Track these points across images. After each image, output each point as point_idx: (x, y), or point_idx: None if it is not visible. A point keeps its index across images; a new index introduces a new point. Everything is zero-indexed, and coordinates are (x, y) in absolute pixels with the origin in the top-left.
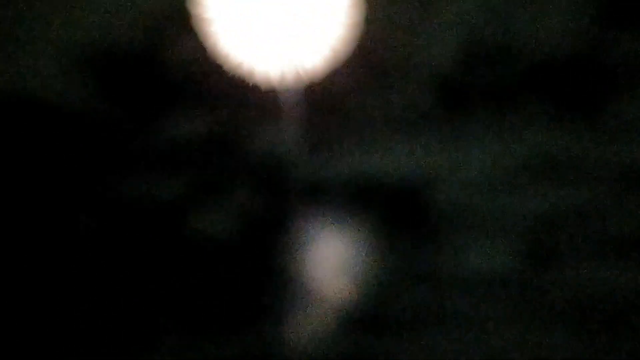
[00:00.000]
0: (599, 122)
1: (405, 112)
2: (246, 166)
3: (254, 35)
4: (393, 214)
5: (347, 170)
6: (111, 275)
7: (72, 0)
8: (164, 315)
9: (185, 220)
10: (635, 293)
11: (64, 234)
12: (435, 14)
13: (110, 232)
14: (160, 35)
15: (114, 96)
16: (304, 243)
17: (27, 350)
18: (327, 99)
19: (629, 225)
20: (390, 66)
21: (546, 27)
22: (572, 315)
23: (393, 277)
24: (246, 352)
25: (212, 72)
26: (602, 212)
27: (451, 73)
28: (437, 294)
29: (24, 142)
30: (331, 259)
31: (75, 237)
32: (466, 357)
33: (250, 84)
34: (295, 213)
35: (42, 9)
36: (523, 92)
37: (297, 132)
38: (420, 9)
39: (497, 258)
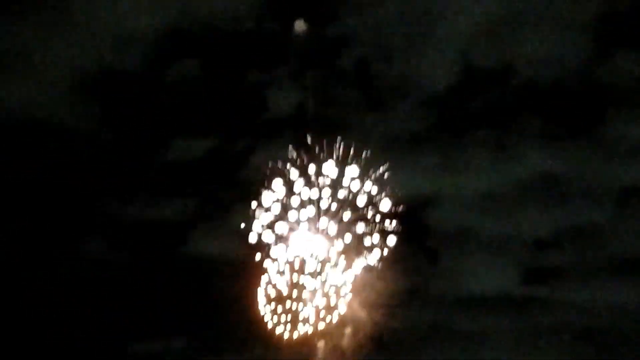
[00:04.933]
0: (598, 141)
1: (404, 134)
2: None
3: None
4: (395, 235)
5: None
6: (112, 291)
7: (74, 27)
8: (165, 333)
9: (185, 241)
10: (636, 311)
11: (67, 253)
12: (431, 37)
13: (113, 250)
14: (160, 60)
15: (116, 120)
16: (308, 261)
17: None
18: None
19: (630, 244)
20: (388, 88)
21: (543, 48)
22: (571, 333)
23: (397, 297)
24: None
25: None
26: (602, 231)
27: (449, 94)
28: (438, 313)
29: (29, 163)
30: (335, 279)
31: (78, 256)
32: None
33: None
34: (297, 232)
35: (45, 36)
36: (521, 113)
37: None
38: (418, 32)
39: (498, 278)
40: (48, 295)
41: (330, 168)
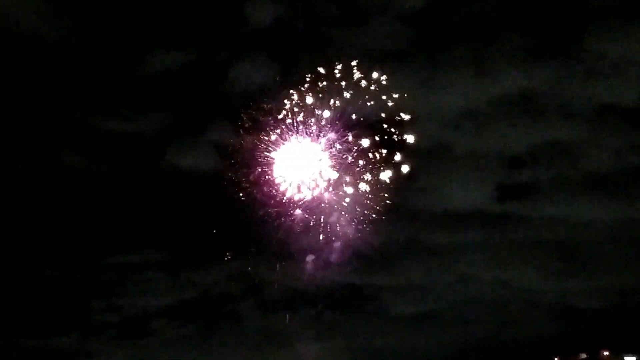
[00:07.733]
0: (576, 58)
1: (383, 50)
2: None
3: None
4: (373, 152)
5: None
6: (90, 203)
7: None
8: (142, 245)
9: (163, 155)
10: (608, 228)
11: (46, 163)
12: None
13: (92, 162)
14: None
15: (92, 32)
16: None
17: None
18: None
19: (604, 161)
20: (368, 2)
21: None
22: (544, 247)
23: (377, 213)
24: (223, 280)
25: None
26: (577, 148)
27: (428, 10)
28: (416, 228)
29: (4, 75)
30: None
31: (57, 166)
32: (440, 282)
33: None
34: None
35: None
36: (500, 29)
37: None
38: None
39: (474, 194)
40: (27, 205)
41: None
